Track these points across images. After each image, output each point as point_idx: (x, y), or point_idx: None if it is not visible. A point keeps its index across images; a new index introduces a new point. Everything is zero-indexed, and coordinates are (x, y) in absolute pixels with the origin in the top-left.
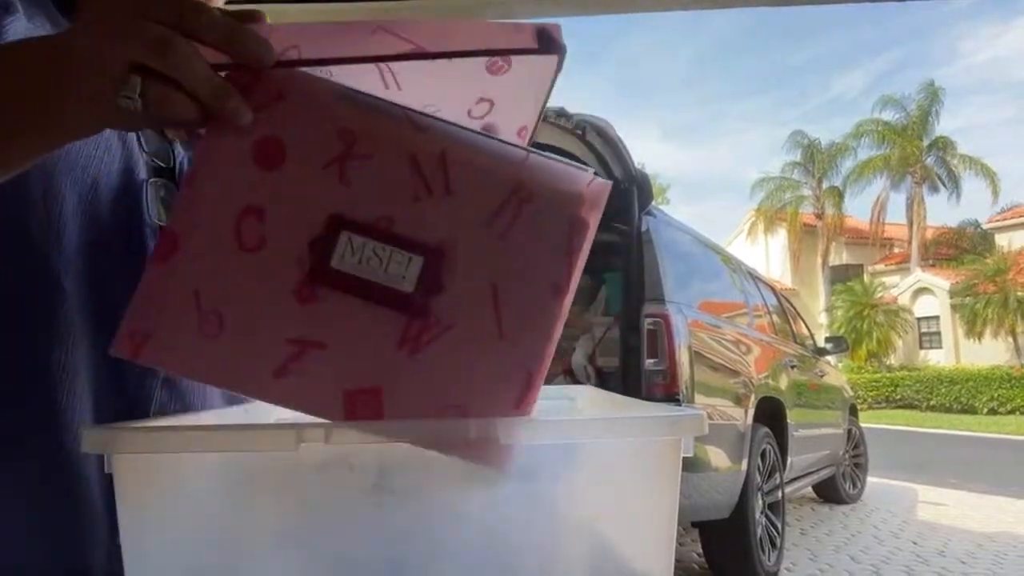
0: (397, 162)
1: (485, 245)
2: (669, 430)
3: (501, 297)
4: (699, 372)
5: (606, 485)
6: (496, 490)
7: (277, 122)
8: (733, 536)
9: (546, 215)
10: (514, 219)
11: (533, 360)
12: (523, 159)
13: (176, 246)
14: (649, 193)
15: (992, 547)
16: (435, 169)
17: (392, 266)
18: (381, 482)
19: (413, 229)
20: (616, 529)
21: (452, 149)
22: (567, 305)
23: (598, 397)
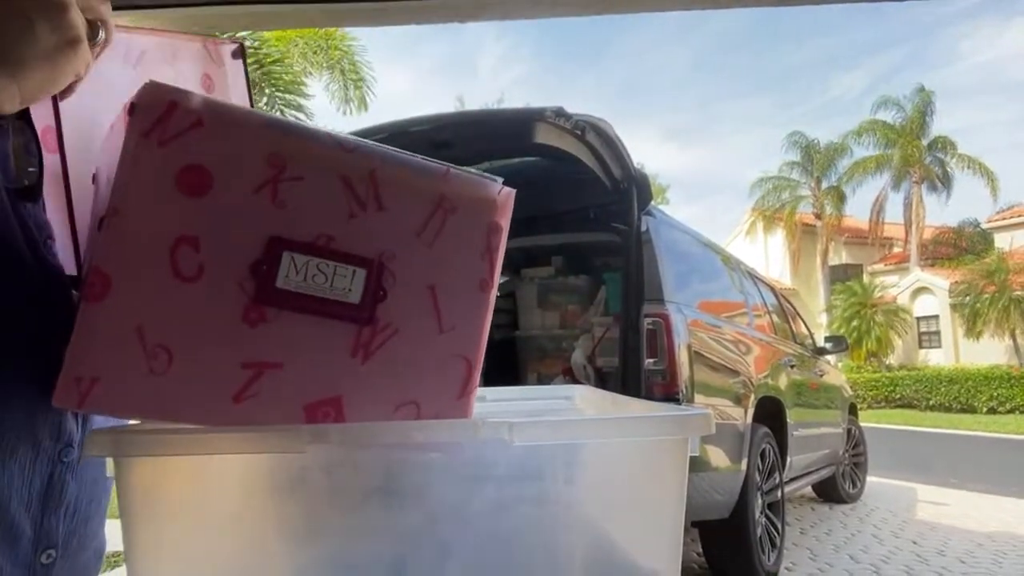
0: (330, 182)
1: (418, 253)
2: (677, 429)
3: (439, 297)
4: (699, 372)
5: (613, 484)
6: (504, 490)
7: (198, 149)
8: (733, 536)
9: (467, 222)
10: (441, 228)
11: (471, 349)
12: (444, 173)
13: (108, 283)
14: (648, 193)
15: (992, 546)
16: (367, 187)
17: (337, 280)
18: (387, 483)
19: (352, 244)
20: (623, 528)
21: (381, 168)
22: (493, 298)
23: (595, 396)
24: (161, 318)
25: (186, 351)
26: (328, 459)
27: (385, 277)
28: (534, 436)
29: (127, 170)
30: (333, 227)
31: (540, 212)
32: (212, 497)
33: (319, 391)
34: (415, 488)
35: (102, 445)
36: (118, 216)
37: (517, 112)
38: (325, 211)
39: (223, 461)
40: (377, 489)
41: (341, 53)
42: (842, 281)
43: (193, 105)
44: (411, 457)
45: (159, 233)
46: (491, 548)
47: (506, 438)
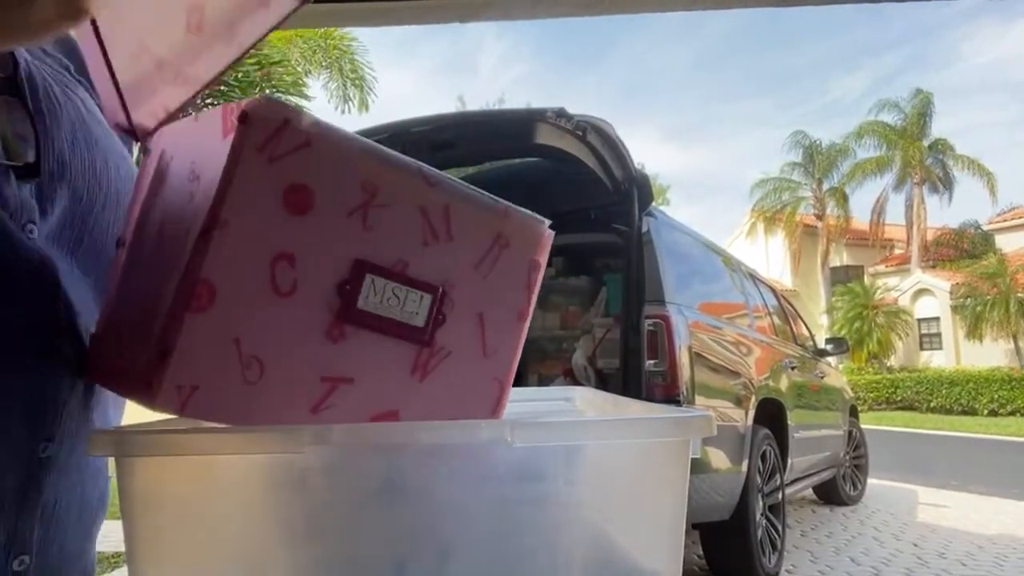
0: (411, 212)
1: (474, 283)
2: (678, 431)
3: (486, 325)
4: (699, 373)
5: (614, 486)
6: (505, 491)
7: (305, 169)
8: (734, 538)
9: (516, 258)
10: (495, 261)
11: (505, 373)
12: (504, 211)
13: (214, 295)
14: (649, 194)
15: (993, 549)
16: (441, 219)
17: (408, 304)
18: (388, 483)
19: (423, 271)
20: (624, 530)
21: (454, 203)
22: (527, 328)
23: (595, 398)
24: (257, 330)
25: (276, 363)
26: (329, 459)
27: (446, 303)
28: (535, 437)
29: (236, 182)
30: (409, 254)
31: (541, 213)
32: (213, 497)
33: (380, 404)
34: (416, 488)
35: (103, 444)
36: (226, 229)
37: (518, 113)
38: (404, 239)
39: (224, 461)
40: (378, 489)
41: (340, 52)
42: (843, 283)
43: (304, 125)
44: (412, 457)
45: (262, 248)
46: (492, 549)
47: (507, 439)
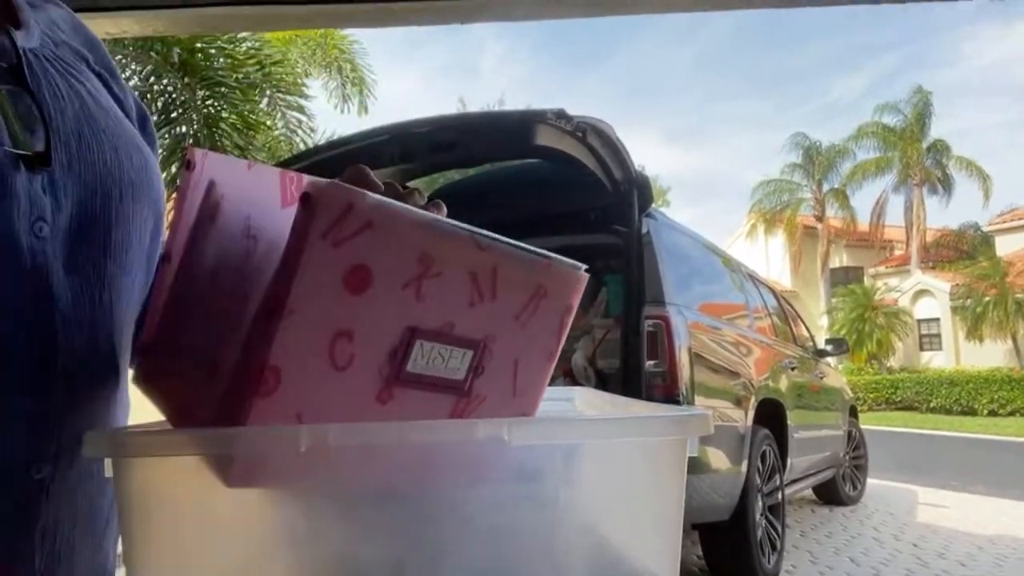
0: (461, 277)
1: (514, 333)
2: (675, 430)
3: (519, 369)
4: (699, 374)
5: (612, 485)
6: (501, 491)
7: (366, 250)
8: (733, 538)
9: (553, 307)
10: (533, 312)
11: (531, 406)
12: (546, 266)
13: (279, 379)
14: (649, 195)
15: (993, 550)
16: (488, 281)
17: (451, 361)
18: (386, 484)
19: (468, 330)
20: (622, 530)
21: (502, 264)
22: (554, 366)
23: (596, 398)
24: (317, 404)
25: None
26: (327, 460)
27: (485, 355)
28: (532, 436)
29: (302, 269)
30: (456, 315)
31: (540, 214)
32: (210, 497)
33: None
34: (413, 489)
35: (99, 446)
36: (293, 316)
37: (518, 114)
38: (453, 302)
39: None
40: (375, 490)
41: (340, 53)
42: (843, 284)
43: (366, 206)
44: (409, 457)
45: (325, 329)
46: (489, 549)
47: (505, 438)
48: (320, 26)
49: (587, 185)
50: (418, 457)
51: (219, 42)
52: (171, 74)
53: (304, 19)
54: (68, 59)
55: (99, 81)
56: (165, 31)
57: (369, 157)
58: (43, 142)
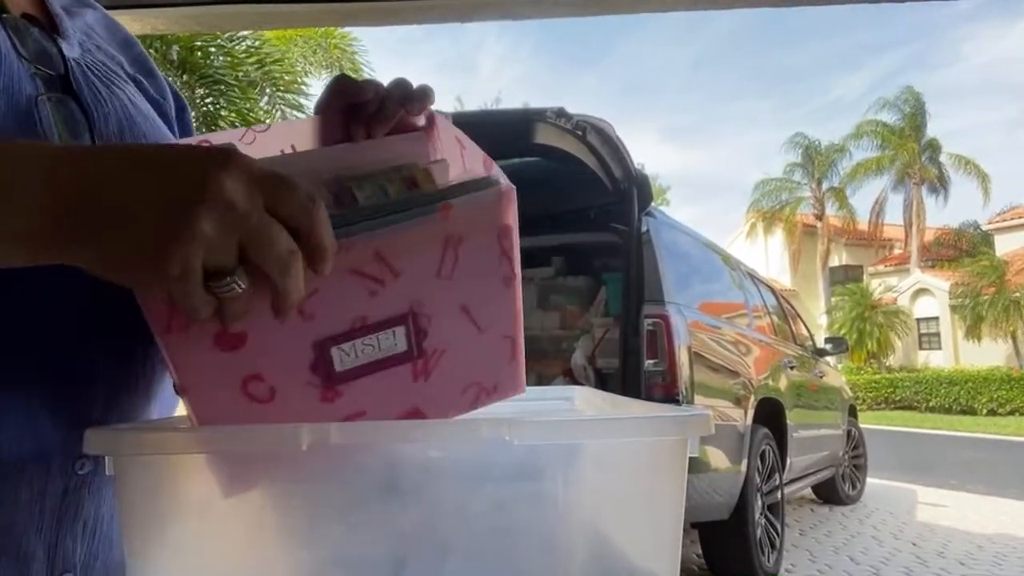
0: (342, 280)
1: (443, 288)
2: (676, 430)
3: (472, 310)
4: (699, 373)
5: (612, 485)
6: (503, 490)
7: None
8: (733, 537)
9: (478, 243)
10: (456, 260)
11: (510, 328)
12: (442, 217)
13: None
14: (649, 194)
15: (991, 548)
16: (377, 267)
17: (383, 342)
18: (387, 482)
19: (385, 313)
20: (622, 529)
21: (382, 245)
22: (519, 284)
23: (595, 397)
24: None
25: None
26: (327, 458)
27: (421, 320)
28: (533, 436)
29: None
30: (363, 308)
31: (540, 213)
32: (211, 496)
33: (399, 413)
34: (415, 487)
35: (101, 443)
36: (191, 392)
37: (518, 113)
38: (351, 301)
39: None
40: (377, 488)
41: (341, 52)
42: (842, 283)
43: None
44: (411, 456)
45: (226, 386)
46: (490, 548)
47: (506, 438)
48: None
49: (587, 184)
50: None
51: (218, 40)
52: (170, 72)
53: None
54: (107, 64)
55: (135, 85)
56: (165, 29)
57: None
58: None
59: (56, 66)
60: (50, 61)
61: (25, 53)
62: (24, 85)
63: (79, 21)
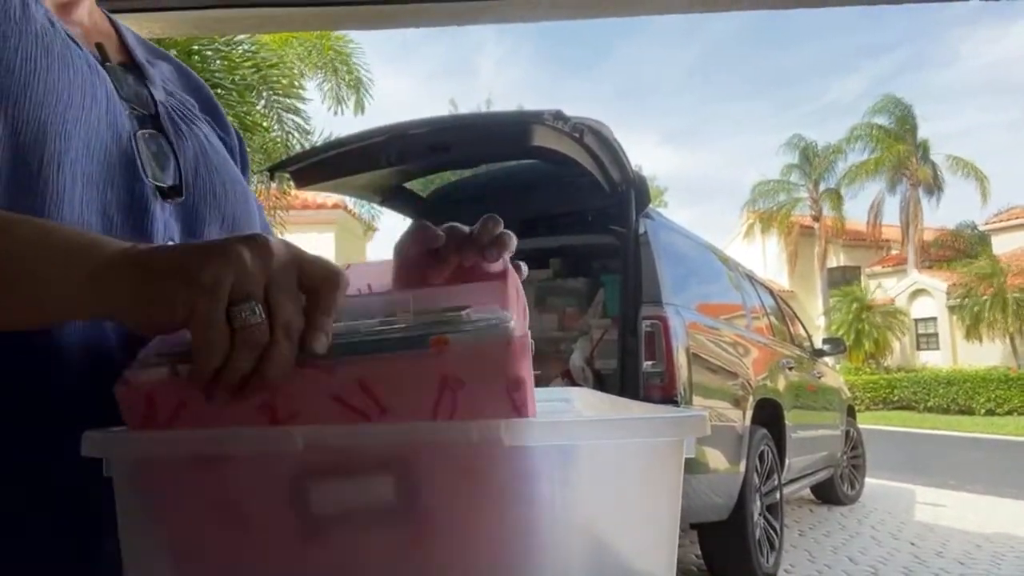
0: (324, 407)
1: (438, 436)
2: (672, 431)
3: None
4: (697, 374)
5: (608, 486)
6: (497, 491)
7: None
8: (732, 537)
9: (483, 393)
10: (454, 408)
11: (523, 402)
12: (434, 352)
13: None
14: (646, 196)
15: (990, 548)
16: (362, 397)
17: (368, 491)
18: (383, 485)
19: (369, 453)
20: (618, 530)
21: (368, 373)
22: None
23: (594, 399)
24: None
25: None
26: (324, 460)
27: (413, 470)
28: (528, 437)
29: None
30: (345, 441)
31: (538, 215)
32: (208, 497)
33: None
34: (411, 489)
35: (97, 444)
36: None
37: (515, 115)
38: (332, 431)
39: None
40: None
41: (335, 54)
42: (840, 284)
43: (174, 389)
44: (406, 458)
45: (201, 510)
46: (485, 549)
47: (500, 439)
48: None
49: (584, 186)
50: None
51: (216, 44)
52: None
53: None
54: (185, 106)
55: (208, 124)
56: (162, 34)
57: (366, 158)
58: (171, 177)
59: (148, 107)
60: (143, 102)
61: (123, 95)
62: (124, 122)
63: (158, 70)
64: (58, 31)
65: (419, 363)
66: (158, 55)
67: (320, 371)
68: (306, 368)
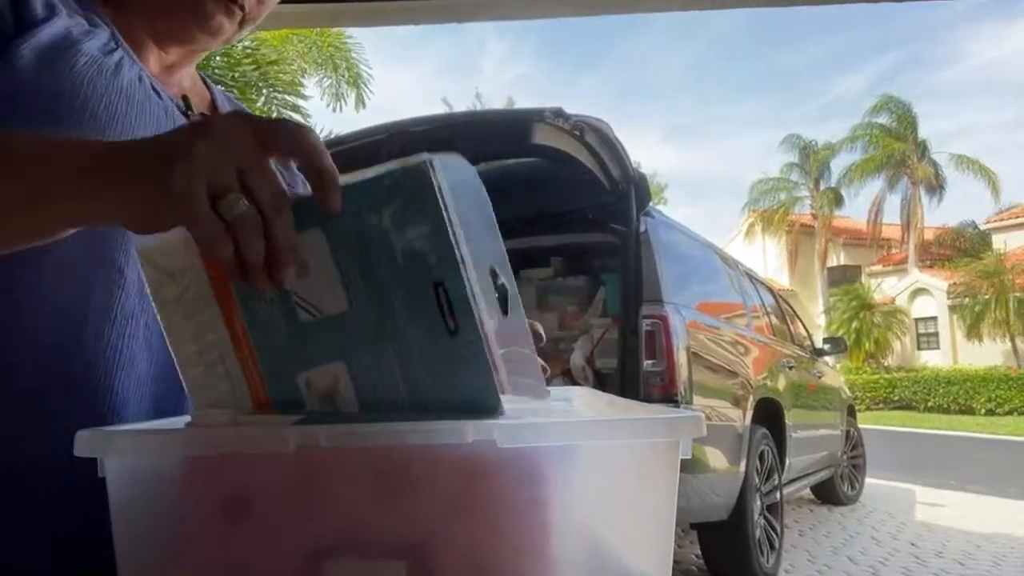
0: (349, 483)
1: (458, 533)
2: (667, 432)
3: (487, 570)
4: (697, 373)
5: (604, 486)
6: (493, 492)
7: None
8: (732, 537)
9: (509, 498)
10: (475, 506)
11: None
12: (469, 452)
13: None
14: (647, 194)
15: (990, 548)
16: (386, 480)
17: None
18: (379, 483)
19: (388, 537)
20: (614, 530)
21: (410, 456)
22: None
23: (594, 398)
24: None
25: None
26: (319, 461)
27: (429, 559)
28: (523, 438)
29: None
30: (367, 521)
31: (538, 213)
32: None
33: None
34: (406, 489)
35: (91, 445)
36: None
37: (516, 113)
38: (351, 508)
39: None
40: (369, 489)
41: (335, 50)
42: (841, 283)
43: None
44: (402, 458)
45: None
46: (482, 551)
47: (495, 440)
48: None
49: (585, 184)
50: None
51: None
52: None
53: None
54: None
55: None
56: None
57: (366, 156)
58: None
59: (205, 98)
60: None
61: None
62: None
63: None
64: (144, 85)
65: (449, 452)
66: (236, 105)
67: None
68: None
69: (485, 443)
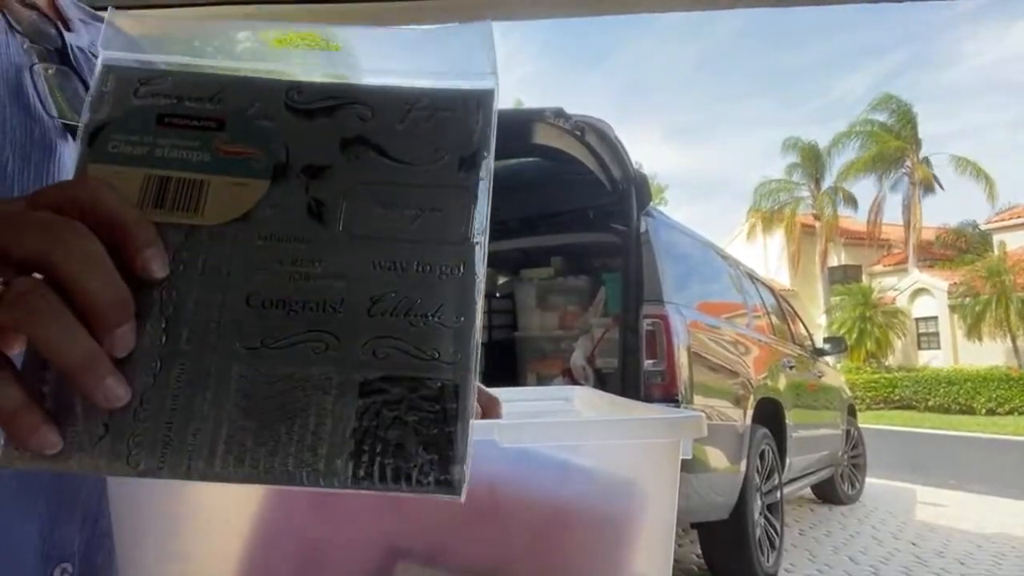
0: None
1: (531, 567)
2: (668, 432)
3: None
4: (698, 373)
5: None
6: (493, 492)
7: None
8: (732, 537)
9: (590, 544)
10: (556, 543)
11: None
12: (555, 493)
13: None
14: (647, 194)
15: (991, 548)
16: (485, 501)
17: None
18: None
19: (463, 557)
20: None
21: (499, 483)
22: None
23: (594, 398)
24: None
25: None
26: None
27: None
28: (523, 438)
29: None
30: (450, 541)
31: (539, 213)
32: (200, 496)
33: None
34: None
35: None
36: (257, 545)
37: (517, 113)
38: (437, 523)
39: None
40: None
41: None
42: (841, 282)
43: None
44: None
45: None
46: (482, 551)
47: (495, 440)
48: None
49: (585, 184)
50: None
51: None
52: None
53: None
54: (88, 51)
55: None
56: None
57: None
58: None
59: (52, 41)
60: (46, 38)
61: (18, 28)
62: (12, 55)
63: (94, 28)
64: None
65: (542, 491)
66: (99, 19)
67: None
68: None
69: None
